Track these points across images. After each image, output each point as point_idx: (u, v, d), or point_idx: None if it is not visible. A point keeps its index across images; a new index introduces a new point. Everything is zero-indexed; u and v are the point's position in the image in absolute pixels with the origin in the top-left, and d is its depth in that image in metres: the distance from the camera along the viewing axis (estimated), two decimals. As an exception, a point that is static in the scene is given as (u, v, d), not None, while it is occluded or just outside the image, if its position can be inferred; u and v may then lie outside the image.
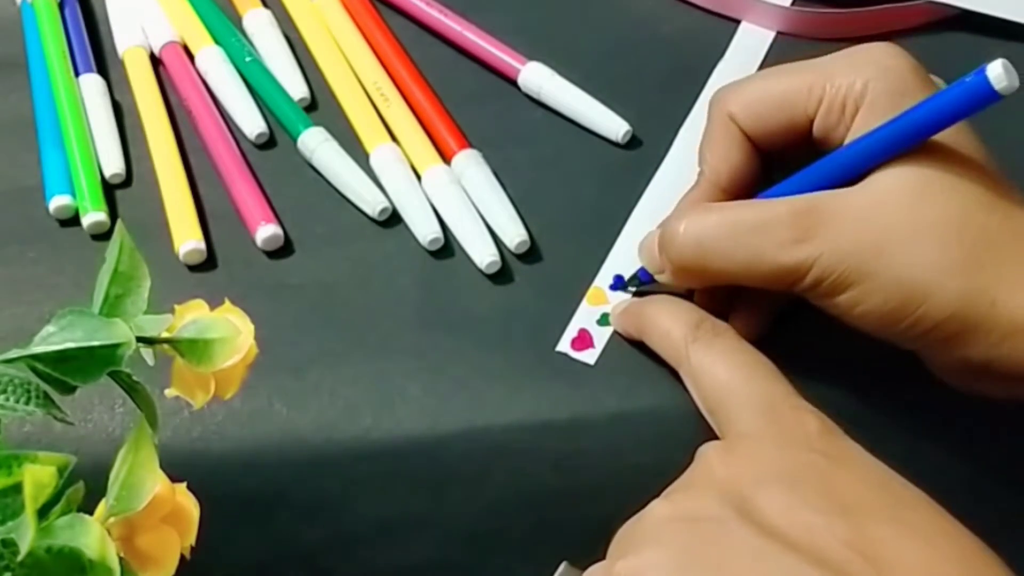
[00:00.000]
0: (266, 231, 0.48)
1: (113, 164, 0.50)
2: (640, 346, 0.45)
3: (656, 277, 0.45)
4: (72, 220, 0.48)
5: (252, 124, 0.52)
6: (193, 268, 0.47)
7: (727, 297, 0.44)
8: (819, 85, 0.41)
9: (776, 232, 0.40)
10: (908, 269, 0.38)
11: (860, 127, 0.41)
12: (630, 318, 0.45)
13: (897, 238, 0.39)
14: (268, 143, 0.52)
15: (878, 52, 0.42)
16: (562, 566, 0.39)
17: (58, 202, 0.48)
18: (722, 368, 0.40)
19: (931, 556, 0.33)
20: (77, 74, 0.53)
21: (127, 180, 0.50)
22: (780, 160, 0.44)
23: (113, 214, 0.49)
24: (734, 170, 0.44)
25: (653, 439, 0.43)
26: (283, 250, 0.48)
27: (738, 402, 0.39)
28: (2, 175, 0.50)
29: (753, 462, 0.36)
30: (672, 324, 0.43)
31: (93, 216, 0.48)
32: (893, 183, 0.39)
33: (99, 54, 0.55)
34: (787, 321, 0.45)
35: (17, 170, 0.50)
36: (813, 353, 0.43)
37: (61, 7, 0.56)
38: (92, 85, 0.53)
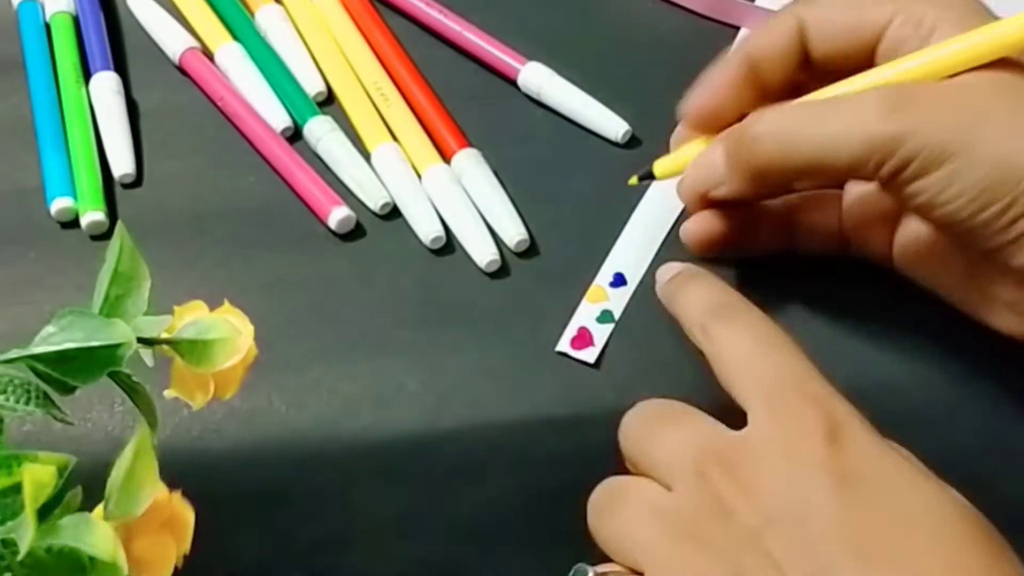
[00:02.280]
0: (340, 213, 0.48)
1: (123, 164, 0.50)
2: (640, 344, 0.45)
3: (710, 193, 0.44)
4: (73, 221, 0.49)
5: (278, 118, 0.52)
6: (196, 266, 0.47)
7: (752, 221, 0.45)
8: (887, 17, 0.41)
9: (868, 106, 0.39)
10: (1007, 144, 0.37)
11: None
12: (664, 292, 0.44)
13: (996, 113, 0.37)
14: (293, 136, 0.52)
15: None
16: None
17: (59, 204, 0.48)
18: (740, 344, 0.38)
19: None
20: (91, 72, 0.53)
21: (137, 180, 0.50)
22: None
23: (113, 214, 0.49)
24: (777, 60, 0.43)
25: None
26: (282, 247, 0.48)
27: (750, 383, 0.37)
28: (2, 176, 0.50)
29: (757, 488, 0.35)
30: (697, 300, 0.41)
31: (92, 216, 0.48)
32: (983, 76, 0.39)
33: (119, 57, 0.55)
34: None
35: (17, 171, 0.50)
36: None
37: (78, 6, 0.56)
38: (106, 82, 0.53)
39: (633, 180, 0.47)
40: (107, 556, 0.27)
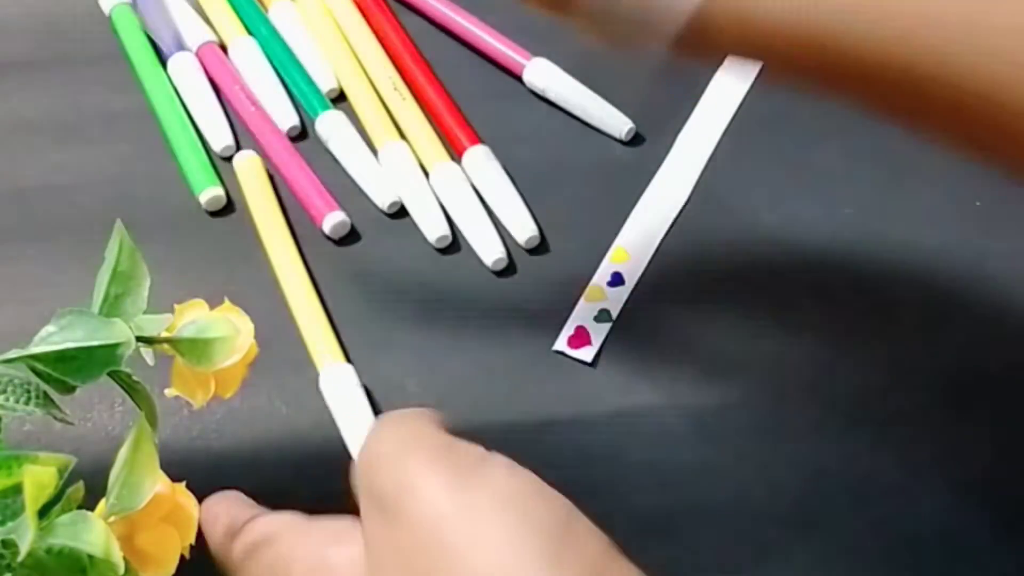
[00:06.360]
0: (334, 219, 0.48)
1: (223, 137, 0.51)
2: (638, 343, 0.45)
3: None
4: (73, 220, 0.48)
5: (285, 117, 0.52)
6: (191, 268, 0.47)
7: None
8: None
9: None
10: None
11: None
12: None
13: None
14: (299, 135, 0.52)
15: None
16: None
17: (209, 194, 0.49)
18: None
19: None
20: (166, 57, 0.53)
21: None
22: None
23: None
24: None
25: (653, 436, 0.43)
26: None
27: None
28: (2, 175, 0.50)
29: None
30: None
31: (210, 192, 0.48)
32: None
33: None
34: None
35: (17, 169, 0.50)
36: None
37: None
38: (187, 62, 0.53)
39: None
40: (100, 552, 0.27)
